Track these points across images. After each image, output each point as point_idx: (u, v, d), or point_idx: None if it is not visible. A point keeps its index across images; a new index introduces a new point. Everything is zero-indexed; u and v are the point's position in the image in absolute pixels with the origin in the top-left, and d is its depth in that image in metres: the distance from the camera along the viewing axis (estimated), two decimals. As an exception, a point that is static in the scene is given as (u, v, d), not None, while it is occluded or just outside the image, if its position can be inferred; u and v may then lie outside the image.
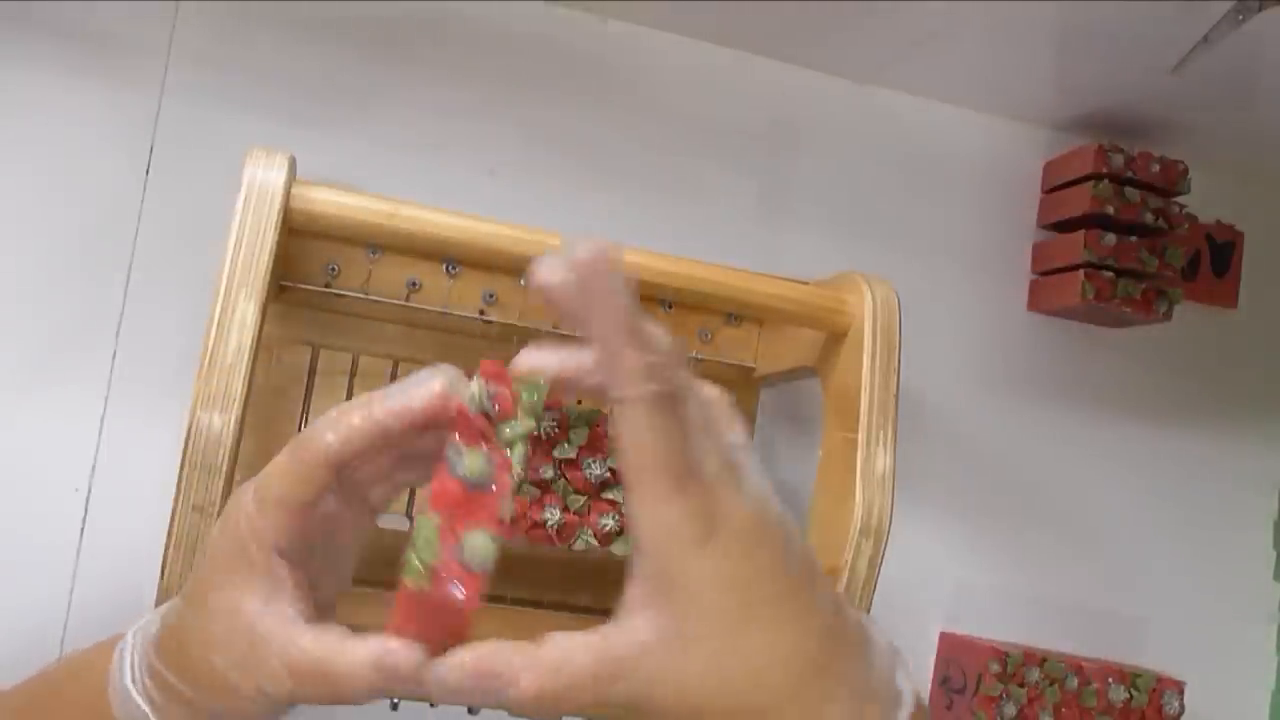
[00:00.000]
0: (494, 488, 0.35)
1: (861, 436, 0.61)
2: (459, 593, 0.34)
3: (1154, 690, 0.76)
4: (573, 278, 0.33)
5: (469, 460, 0.35)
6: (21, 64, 0.70)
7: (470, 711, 0.63)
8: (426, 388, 0.37)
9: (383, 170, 0.74)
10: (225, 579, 0.38)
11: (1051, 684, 0.75)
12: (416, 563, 0.35)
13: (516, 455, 0.36)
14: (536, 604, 0.69)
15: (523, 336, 0.66)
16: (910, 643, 0.82)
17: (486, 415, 0.36)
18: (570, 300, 0.33)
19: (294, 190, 0.56)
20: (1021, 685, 0.75)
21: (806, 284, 0.69)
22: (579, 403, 0.63)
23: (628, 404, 0.33)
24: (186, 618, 0.39)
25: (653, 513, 0.33)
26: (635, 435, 0.33)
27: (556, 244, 0.59)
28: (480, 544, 0.35)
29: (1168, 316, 0.79)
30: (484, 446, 0.36)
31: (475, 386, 0.36)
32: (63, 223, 0.70)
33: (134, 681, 0.39)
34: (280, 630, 0.36)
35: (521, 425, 0.36)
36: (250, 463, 0.52)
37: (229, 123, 0.72)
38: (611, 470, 0.62)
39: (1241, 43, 0.65)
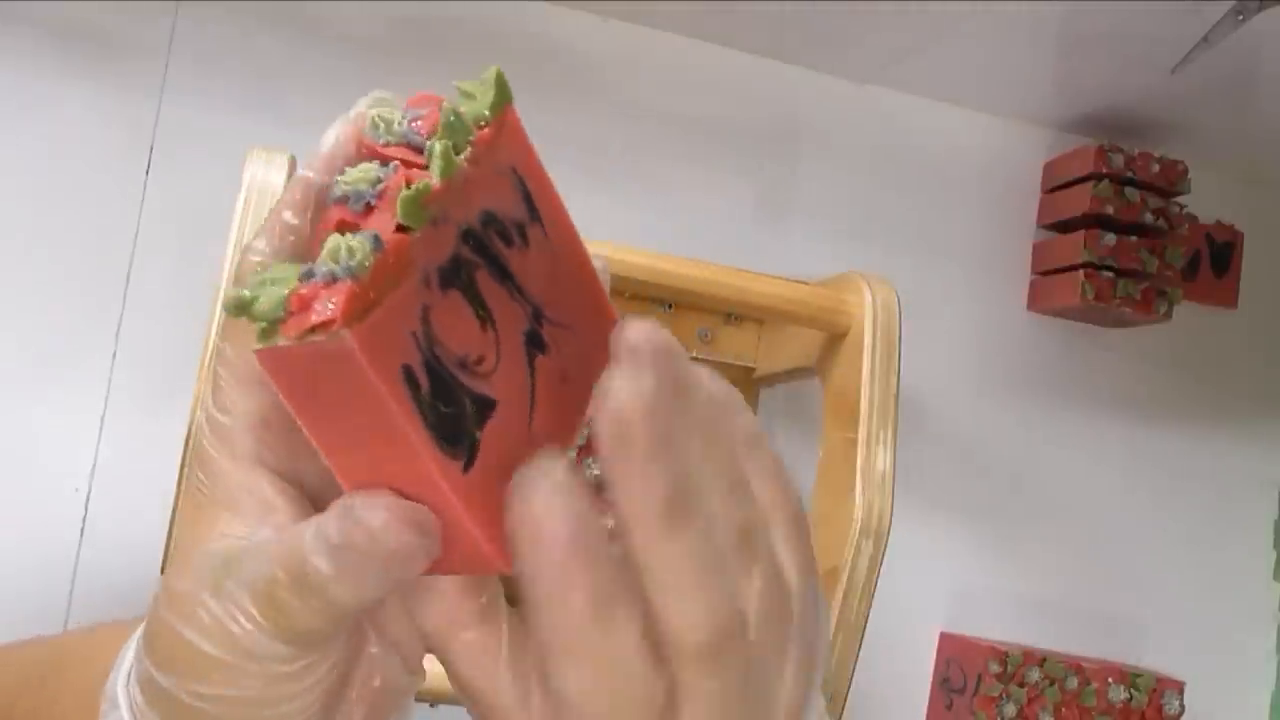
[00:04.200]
0: (379, 200, 0.25)
1: (861, 436, 0.61)
2: (327, 309, 0.23)
3: (1154, 690, 0.76)
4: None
5: (350, 174, 0.26)
6: (21, 64, 0.70)
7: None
8: (337, 124, 0.30)
9: (383, 170, 0.74)
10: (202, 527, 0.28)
11: (1051, 684, 0.75)
12: (264, 310, 0.24)
13: (435, 168, 0.25)
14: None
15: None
16: (910, 643, 0.82)
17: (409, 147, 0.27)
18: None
19: (294, 190, 0.56)
20: (1021, 685, 0.75)
21: (806, 284, 0.69)
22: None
23: None
24: (160, 593, 0.28)
25: None
26: None
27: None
28: (345, 243, 0.23)
29: (1167, 316, 0.79)
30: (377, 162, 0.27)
31: (385, 112, 0.29)
32: (63, 223, 0.70)
33: (125, 686, 0.31)
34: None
35: (437, 143, 0.26)
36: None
37: (229, 123, 0.72)
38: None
39: (1241, 43, 0.65)
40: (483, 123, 0.27)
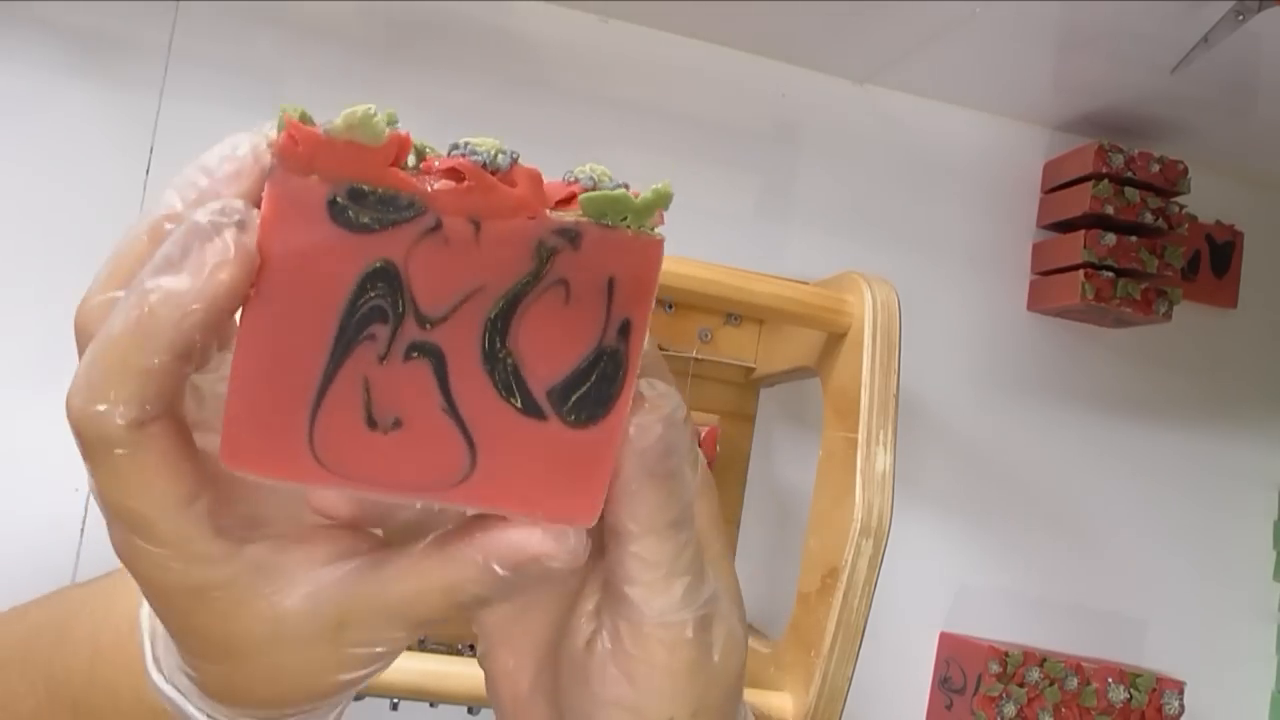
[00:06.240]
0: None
1: (861, 436, 0.61)
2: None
3: (1154, 690, 0.76)
4: None
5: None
6: (21, 64, 0.70)
7: (470, 711, 0.63)
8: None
9: (383, 170, 0.74)
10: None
11: (1051, 684, 0.75)
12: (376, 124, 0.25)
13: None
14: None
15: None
16: (910, 643, 0.82)
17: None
18: None
19: (294, 190, 0.56)
20: (1021, 685, 0.75)
21: (806, 284, 0.69)
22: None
23: None
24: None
25: None
26: None
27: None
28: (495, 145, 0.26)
29: (1168, 317, 0.79)
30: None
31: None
32: (63, 223, 0.70)
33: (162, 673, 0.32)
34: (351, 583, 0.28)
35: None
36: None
37: (229, 123, 0.72)
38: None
39: (1241, 43, 0.65)
40: (625, 218, 0.27)
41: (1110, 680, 0.76)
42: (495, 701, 0.33)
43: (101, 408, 0.24)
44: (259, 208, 0.25)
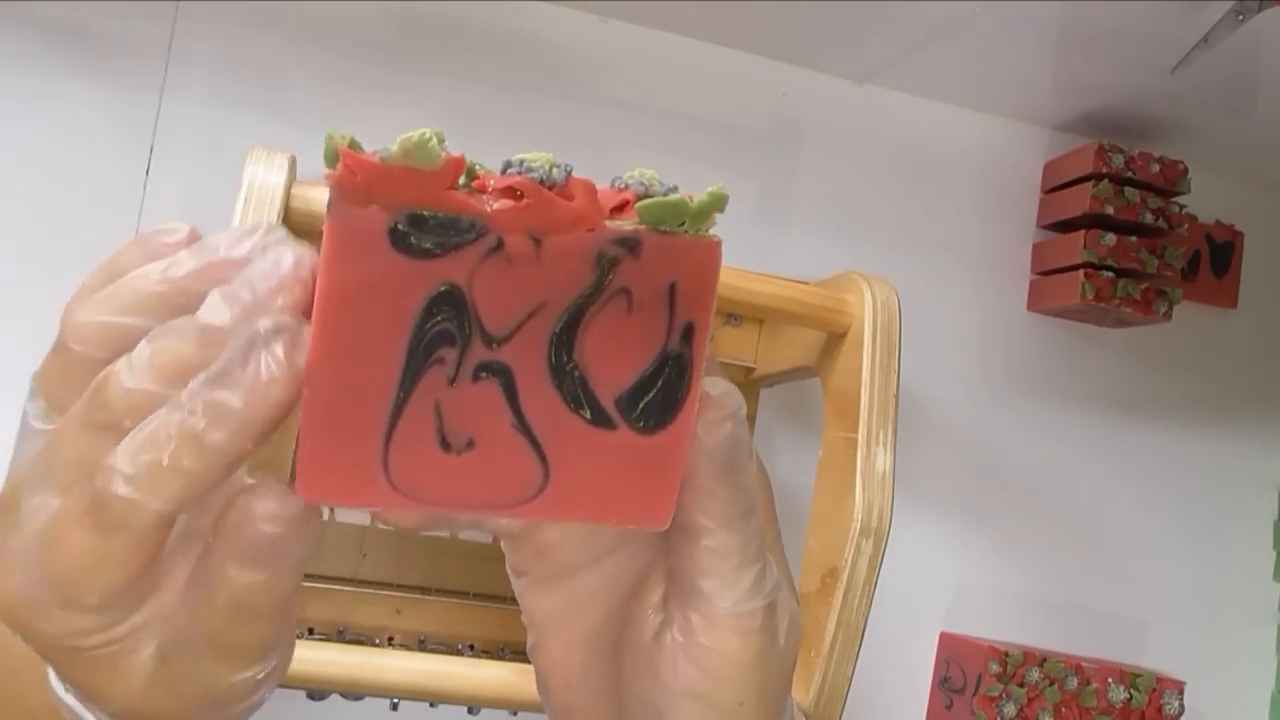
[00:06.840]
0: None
1: (861, 436, 0.61)
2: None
3: (1154, 690, 0.76)
4: None
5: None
6: (22, 63, 0.70)
7: (470, 711, 0.63)
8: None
9: (383, 170, 0.74)
10: None
11: (1051, 684, 0.75)
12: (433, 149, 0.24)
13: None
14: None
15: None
16: (910, 643, 0.82)
17: None
18: None
19: (294, 190, 0.56)
20: (1021, 685, 0.75)
21: (806, 284, 0.69)
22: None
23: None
24: None
25: None
26: None
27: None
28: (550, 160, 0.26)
29: (1167, 317, 0.79)
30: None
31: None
32: (63, 223, 0.70)
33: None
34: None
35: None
36: (249, 465, 0.52)
37: (229, 123, 0.72)
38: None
39: (1241, 43, 0.65)
40: (683, 223, 0.27)
41: (1110, 680, 0.76)
42: (545, 693, 0.33)
43: (139, 496, 0.25)
44: (306, 319, 0.25)
